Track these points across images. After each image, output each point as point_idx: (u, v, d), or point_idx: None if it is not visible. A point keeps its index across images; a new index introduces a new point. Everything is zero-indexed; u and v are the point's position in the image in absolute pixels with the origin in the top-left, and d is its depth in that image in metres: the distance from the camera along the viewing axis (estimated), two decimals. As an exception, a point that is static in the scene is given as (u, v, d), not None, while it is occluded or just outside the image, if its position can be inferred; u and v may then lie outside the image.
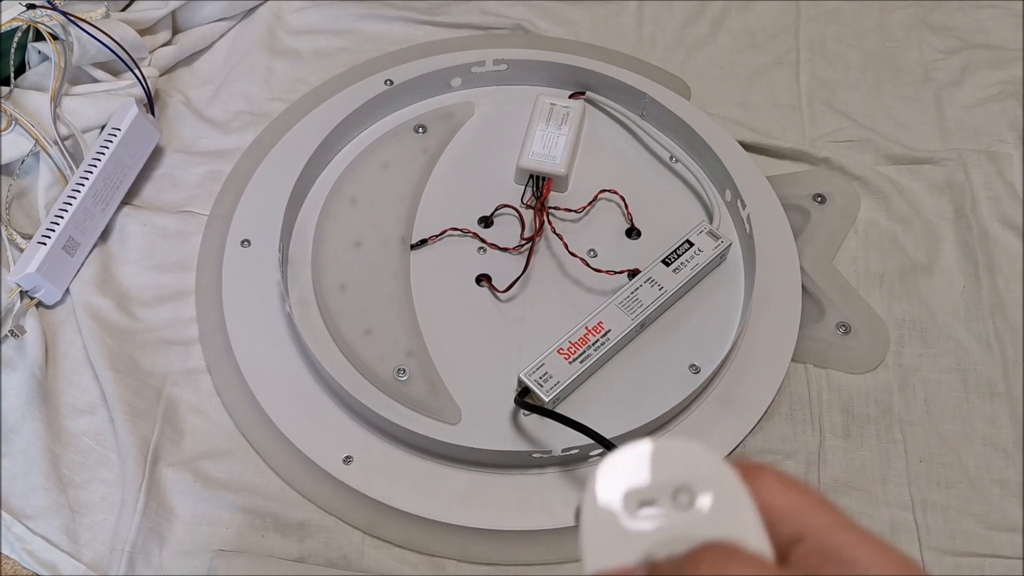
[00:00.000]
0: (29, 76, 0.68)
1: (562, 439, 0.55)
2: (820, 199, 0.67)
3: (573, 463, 0.56)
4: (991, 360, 0.61)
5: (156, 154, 0.69)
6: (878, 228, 0.67)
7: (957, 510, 0.56)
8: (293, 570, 0.53)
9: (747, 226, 0.63)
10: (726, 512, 0.24)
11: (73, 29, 0.65)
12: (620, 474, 0.25)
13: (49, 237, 0.61)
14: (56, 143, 0.64)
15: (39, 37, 0.66)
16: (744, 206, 0.63)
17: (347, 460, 0.56)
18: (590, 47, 0.76)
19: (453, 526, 0.54)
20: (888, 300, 0.64)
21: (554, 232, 0.64)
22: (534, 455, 0.55)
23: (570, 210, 0.66)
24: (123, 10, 0.71)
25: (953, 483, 0.57)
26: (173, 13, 0.74)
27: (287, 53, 0.76)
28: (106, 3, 0.68)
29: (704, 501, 0.24)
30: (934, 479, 0.57)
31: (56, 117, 0.65)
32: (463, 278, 0.63)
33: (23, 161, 0.65)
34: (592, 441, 0.52)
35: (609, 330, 0.58)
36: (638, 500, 0.24)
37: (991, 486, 0.57)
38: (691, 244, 0.62)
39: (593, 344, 0.58)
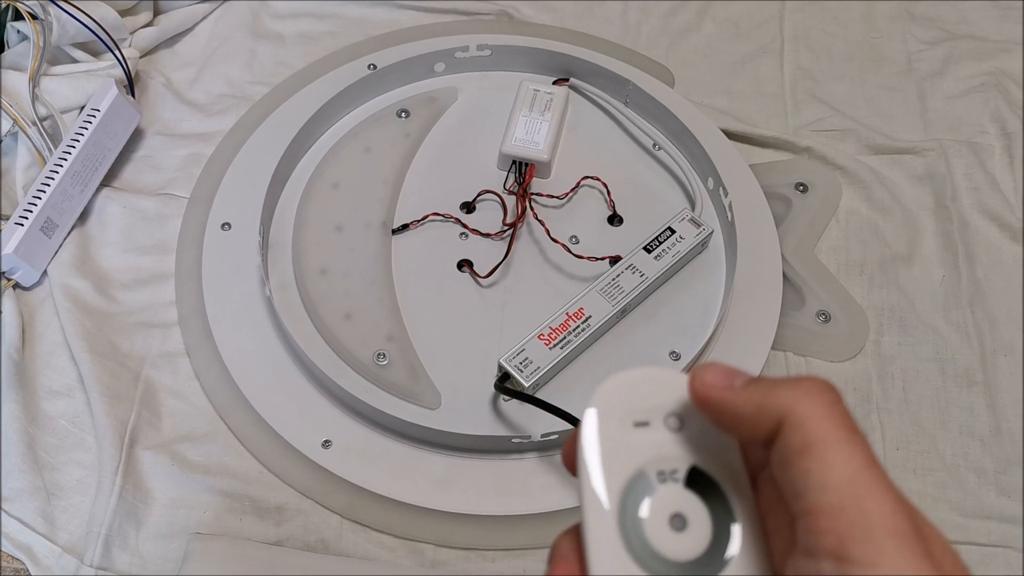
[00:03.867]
0: (8, 56, 0.67)
1: (541, 424, 0.55)
2: (802, 188, 0.68)
3: (552, 448, 0.56)
4: (969, 349, 0.61)
5: (136, 136, 0.68)
6: (859, 217, 0.67)
7: (933, 498, 0.56)
8: (271, 553, 0.53)
9: (729, 214, 0.63)
10: (708, 437, 0.28)
11: (53, 9, 0.65)
12: (620, 397, 0.28)
13: (27, 218, 0.60)
14: (35, 123, 0.64)
15: (18, 16, 0.65)
16: (726, 194, 0.63)
17: (326, 444, 0.56)
18: (574, 34, 0.76)
19: (432, 510, 0.54)
20: (868, 289, 0.64)
21: (536, 218, 0.64)
22: (513, 440, 0.55)
23: (552, 196, 0.65)
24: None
25: (930, 471, 0.57)
26: (155, -6, 0.73)
27: (270, 36, 0.76)
28: (86, -17, 0.68)
29: (690, 429, 0.28)
30: (911, 467, 0.57)
31: (35, 97, 0.64)
32: (444, 263, 0.63)
33: (1, 141, 0.65)
34: (572, 427, 0.52)
35: (590, 316, 0.58)
36: (634, 420, 0.28)
37: (967, 474, 0.57)
38: (673, 231, 0.62)
39: (574, 330, 0.58)
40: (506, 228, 0.64)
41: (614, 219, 0.65)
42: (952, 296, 0.63)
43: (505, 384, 0.56)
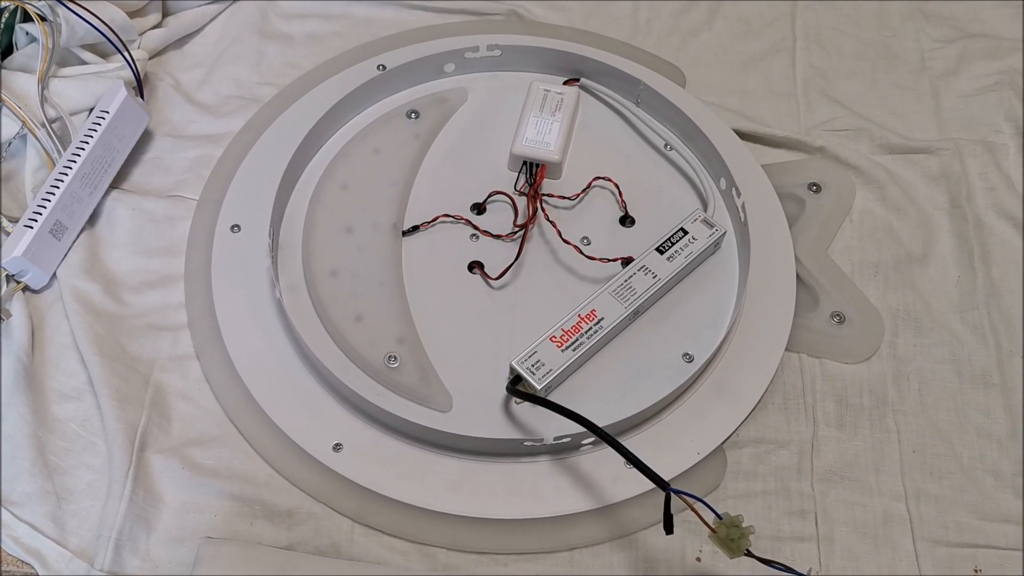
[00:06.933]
0: (16, 57, 0.67)
1: (554, 427, 0.55)
2: (815, 188, 0.67)
3: (565, 451, 0.56)
4: (985, 350, 0.61)
5: (145, 138, 0.68)
6: (873, 217, 0.66)
7: (950, 501, 0.56)
8: (282, 558, 0.52)
9: (742, 215, 0.62)
10: None
11: (61, 10, 0.64)
12: None
13: (36, 220, 0.60)
14: (44, 125, 0.63)
15: (27, 18, 0.65)
16: (739, 194, 0.63)
17: (337, 447, 0.56)
18: (585, 33, 0.75)
19: (443, 514, 0.54)
20: (883, 290, 0.63)
21: (547, 219, 0.63)
22: (526, 443, 0.54)
23: (564, 197, 0.65)
24: (112, -9, 0.70)
25: (946, 474, 0.57)
26: (163, -5, 0.73)
27: (279, 37, 0.75)
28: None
29: None
30: (927, 469, 0.57)
31: (44, 99, 0.64)
32: (455, 265, 0.63)
33: (10, 143, 0.65)
34: (584, 429, 0.51)
35: (602, 318, 0.58)
36: None
37: (984, 477, 0.57)
38: (685, 232, 0.61)
39: (586, 332, 0.57)
40: (517, 229, 0.64)
41: (626, 220, 0.65)
42: (968, 297, 0.63)
43: (517, 387, 0.56)
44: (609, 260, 0.61)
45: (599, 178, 0.66)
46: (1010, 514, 0.55)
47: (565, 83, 0.70)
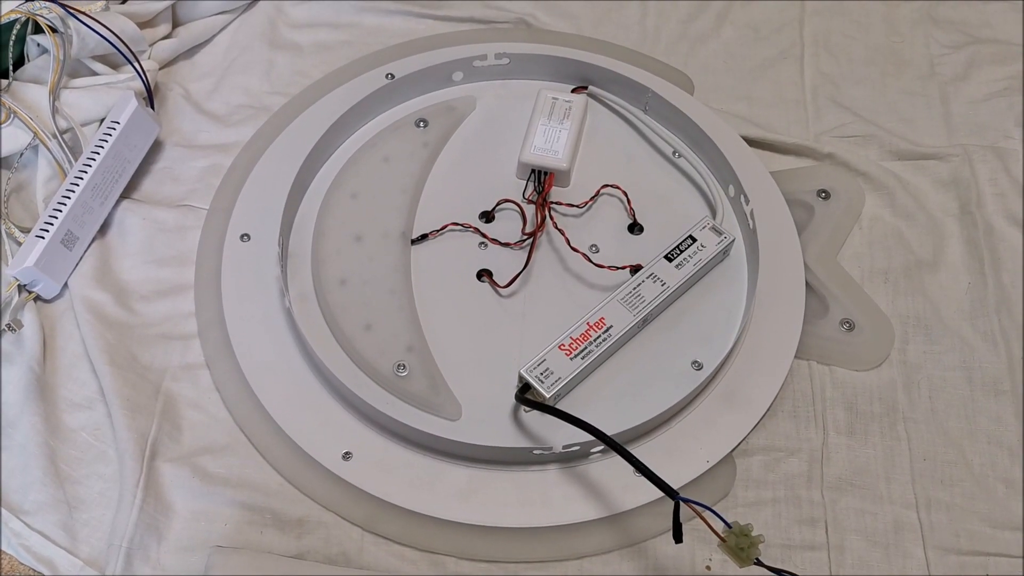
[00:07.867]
0: (28, 69, 0.68)
1: (563, 436, 0.55)
2: (824, 195, 0.67)
3: (574, 460, 0.56)
4: (996, 357, 0.60)
5: (155, 147, 0.69)
6: (883, 224, 0.66)
7: (961, 508, 0.56)
8: (292, 567, 0.53)
9: (750, 222, 0.62)
10: None
11: (72, 22, 0.65)
12: None
13: (47, 231, 0.60)
14: (55, 136, 0.64)
15: (38, 30, 0.65)
16: (747, 201, 0.63)
17: (346, 456, 0.56)
18: (593, 41, 0.75)
19: (453, 523, 0.54)
20: (893, 296, 0.63)
21: (556, 227, 0.63)
22: (535, 452, 0.54)
23: (572, 205, 0.65)
24: (122, 3, 0.71)
25: (957, 481, 0.56)
26: (173, 6, 0.73)
27: (288, 46, 0.76)
28: (105, -5, 0.68)
29: None
30: (938, 477, 0.57)
31: (55, 110, 0.64)
32: (464, 273, 0.63)
33: (22, 154, 0.65)
34: (593, 438, 0.51)
35: (611, 326, 0.58)
36: None
37: (996, 484, 0.56)
38: (694, 240, 0.61)
39: (595, 340, 0.57)
40: (525, 237, 0.64)
41: (634, 228, 0.65)
42: (978, 303, 0.63)
43: (526, 395, 0.56)
44: (618, 268, 0.61)
45: (607, 186, 0.66)
46: (1021, 522, 0.55)
47: (573, 91, 0.70)
